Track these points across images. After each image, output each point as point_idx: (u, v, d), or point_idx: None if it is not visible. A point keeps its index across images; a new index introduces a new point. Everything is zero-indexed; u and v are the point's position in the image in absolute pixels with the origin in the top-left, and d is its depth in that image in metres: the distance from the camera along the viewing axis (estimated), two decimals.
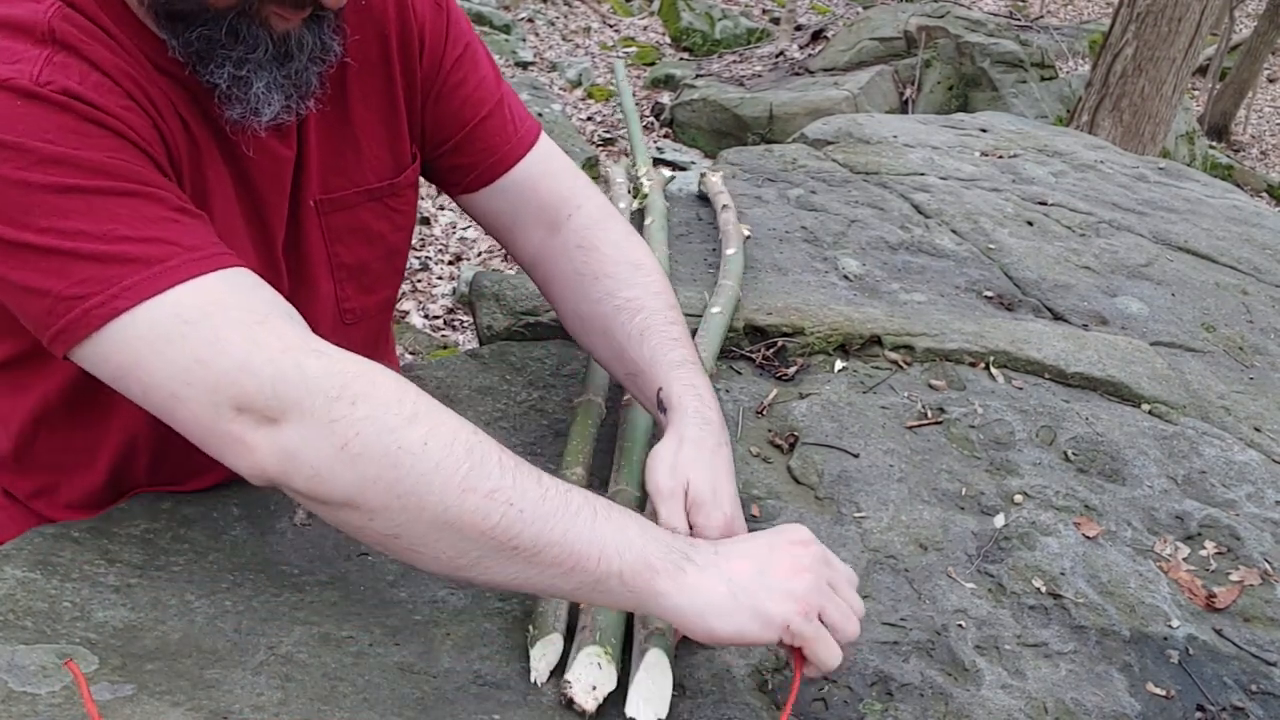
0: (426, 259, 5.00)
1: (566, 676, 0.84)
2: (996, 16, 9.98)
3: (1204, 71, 11.71)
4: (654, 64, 9.48)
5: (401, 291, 4.61)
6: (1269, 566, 1.16)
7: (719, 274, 1.57)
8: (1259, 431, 1.42)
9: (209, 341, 0.76)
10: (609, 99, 8.24)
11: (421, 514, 0.75)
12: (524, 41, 9.11)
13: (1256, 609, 1.11)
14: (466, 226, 5.38)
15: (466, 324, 4.46)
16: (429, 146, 1.09)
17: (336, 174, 1.01)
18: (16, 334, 0.87)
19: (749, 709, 0.88)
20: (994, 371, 1.44)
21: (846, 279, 1.71)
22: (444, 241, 5.24)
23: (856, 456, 1.24)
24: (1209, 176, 2.72)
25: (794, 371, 1.40)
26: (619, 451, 1.12)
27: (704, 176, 2.05)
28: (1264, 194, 9.16)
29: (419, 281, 4.80)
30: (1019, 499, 1.21)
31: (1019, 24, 9.88)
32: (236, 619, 0.87)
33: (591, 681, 0.83)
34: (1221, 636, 1.07)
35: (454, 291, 4.69)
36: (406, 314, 4.46)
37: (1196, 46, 5.05)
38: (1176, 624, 1.07)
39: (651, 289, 1.09)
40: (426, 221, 5.33)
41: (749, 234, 1.79)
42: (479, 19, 8.72)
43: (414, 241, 4.98)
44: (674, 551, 0.80)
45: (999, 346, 1.47)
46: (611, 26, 10.49)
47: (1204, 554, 1.17)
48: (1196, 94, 11.65)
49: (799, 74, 8.82)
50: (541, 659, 0.87)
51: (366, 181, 1.03)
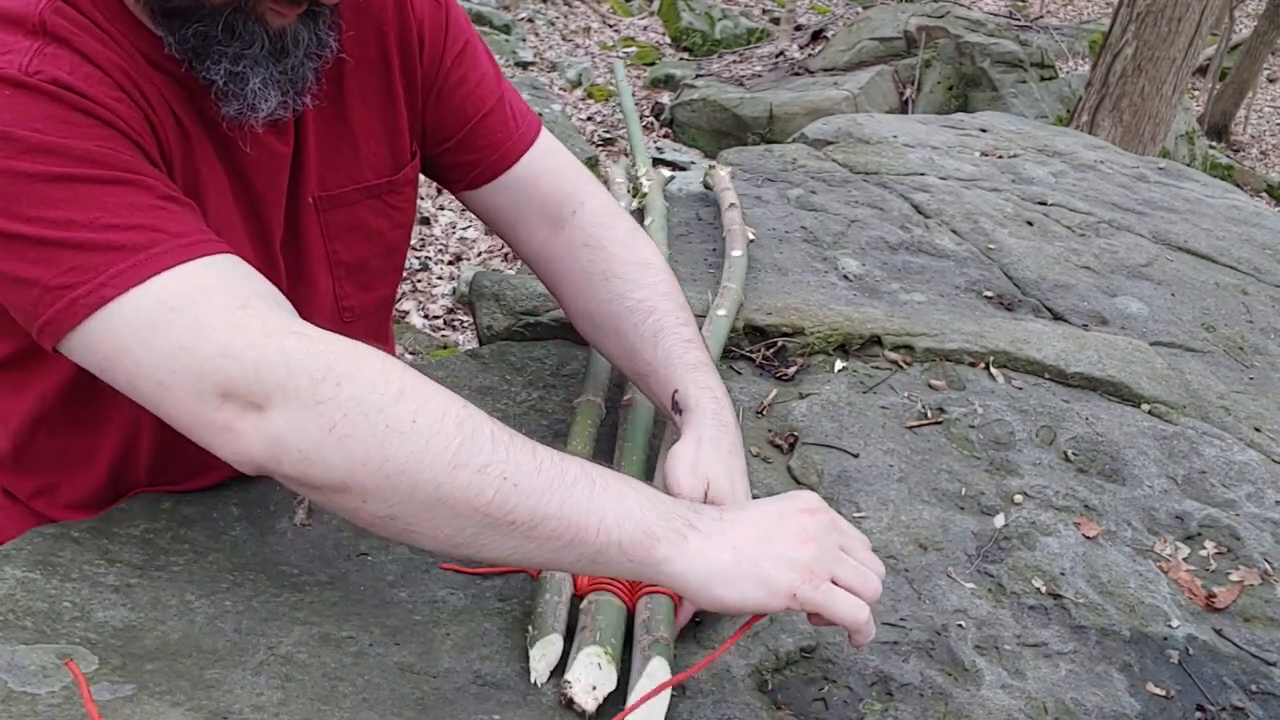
0: (426, 259, 5.00)
1: (566, 676, 0.84)
2: (996, 16, 9.98)
3: (1204, 71, 11.71)
4: (654, 64, 9.48)
5: (401, 291, 4.62)
6: (1269, 566, 1.16)
7: (723, 276, 1.56)
8: (1259, 431, 1.42)
9: (192, 328, 0.75)
10: (609, 99, 8.24)
11: (414, 493, 0.74)
12: (524, 41, 9.11)
13: (1256, 609, 1.11)
14: (466, 226, 5.38)
15: (466, 324, 4.46)
16: (431, 144, 1.09)
17: (334, 171, 1.00)
18: (14, 332, 0.87)
19: (749, 709, 0.88)
20: (994, 371, 1.44)
21: (846, 279, 1.71)
22: (444, 241, 5.24)
23: (856, 456, 1.24)
24: (1209, 176, 2.72)
25: (794, 371, 1.40)
26: (619, 451, 1.12)
27: (711, 170, 2.04)
28: (1264, 194, 9.16)
29: (419, 281, 4.80)
30: (1019, 499, 1.21)
31: (1019, 24, 9.88)
32: (236, 619, 0.87)
33: (591, 682, 0.83)
34: (1221, 636, 1.07)
35: (454, 291, 4.69)
36: (406, 314, 4.46)
37: (1196, 46, 5.05)
38: (1176, 624, 1.07)
39: (661, 289, 1.10)
40: (426, 221, 5.33)
41: (753, 237, 1.78)
42: (479, 19, 8.71)
43: (414, 241, 4.99)
44: (676, 518, 0.79)
45: (999, 346, 1.47)
46: (611, 26, 10.49)
47: (1204, 554, 1.17)
48: (1196, 94, 11.65)
49: (799, 74, 8.82)
50: (541, 659, 0.87)
51: (364, 179, 1.03)
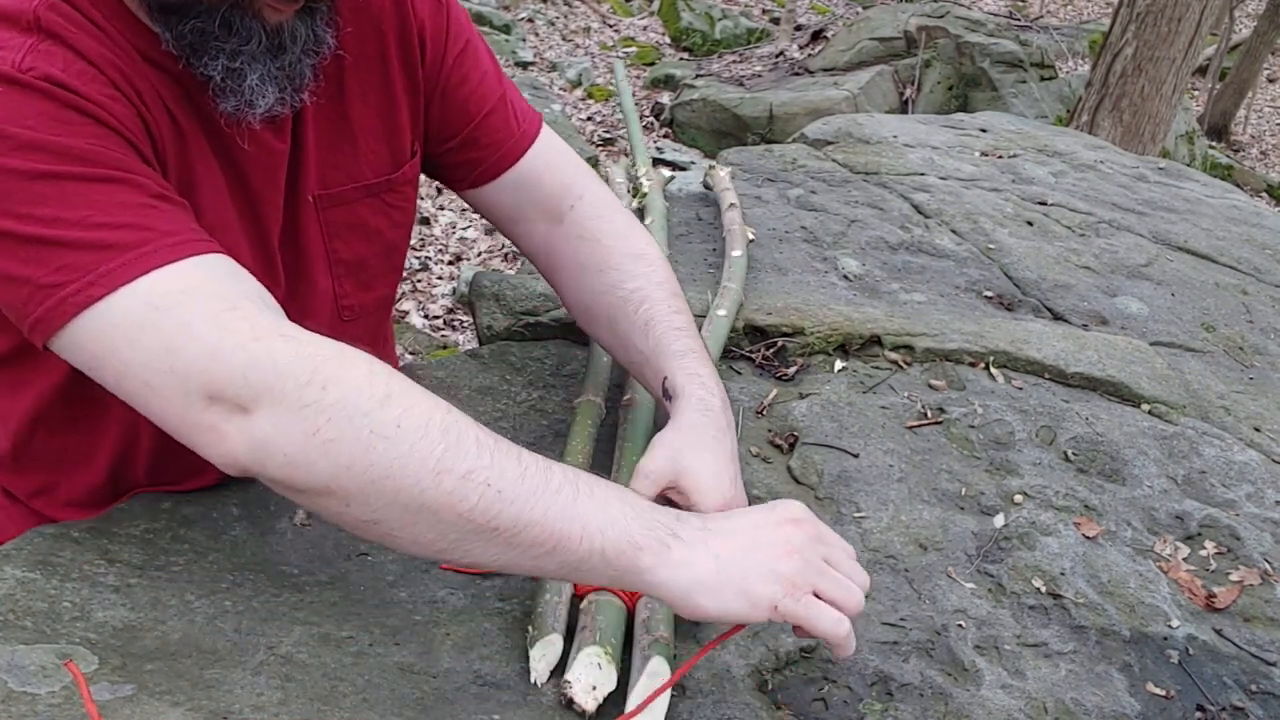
0: (426, 259, 5.00)
1: (566, 677, 0.84)
2: (996, 16, 9.98)
3: (1204, 71, 11.70)
4: (654, 64, 9.48)
5: (401, 291, 4.62)
6: (1269, 566, 1.16)
7: (723, 276, 1.56)
8: (1259, 431, 1.42)
9: (180, 330, 0.75)
10: (609, 99, 8.24)
11: (397, 498, 0.74)
12: (524, 41, 9.11)
13: (1256, 609, 1.11)
14: (466, 226, 5.38)
15: (466, 324, 4.46)
16: (434, 143, 1.10)
17: (334, 169, 1.00)
18: (11, 330, 0.87)
19: (749, 709, 0.88)
20: (994, 371, 1.44)
21: (846, 279, 1.71)
22: (444, 241, 5.23)
23: (856, 456, 1.24)
24: (1209, 176, 2.72)
25: (794, 371, 1.40)
26: (619, 451, 1.12)
27: (711, 170, 2.04)
28: (1264, 194, 9.16)
29: (419, 281, 4.79)
30: (1019, 499, 1.21)
31: (1019, 24, 9.88)
32: (236, 619, 0.87)
33: (591, 682, 0.83)
34: (1221, 636, 1.07)
35: (454, 291, 4.69)
36: (406, 314, 4.46)
37: (1196, 46, 5.05)
38: (1176, 624, 1.07)
39: (654, 279, 1.10)
40: (426, 221, 5.33)
41: (753, 237, 1.78)
42: (479, 19, 8.71)
43: (414, 241, 4.99)
44: (659, 526, 0.78)
45: (999, 346, 1.47)
46: (611, 26, 10.49)
47: (1204, 554, 1.17)
48: (1196, 94, 11.65)
49: (799, 74, 8.82)
50: (541, 659, 0.87)
51: (363, 177, 1.03)
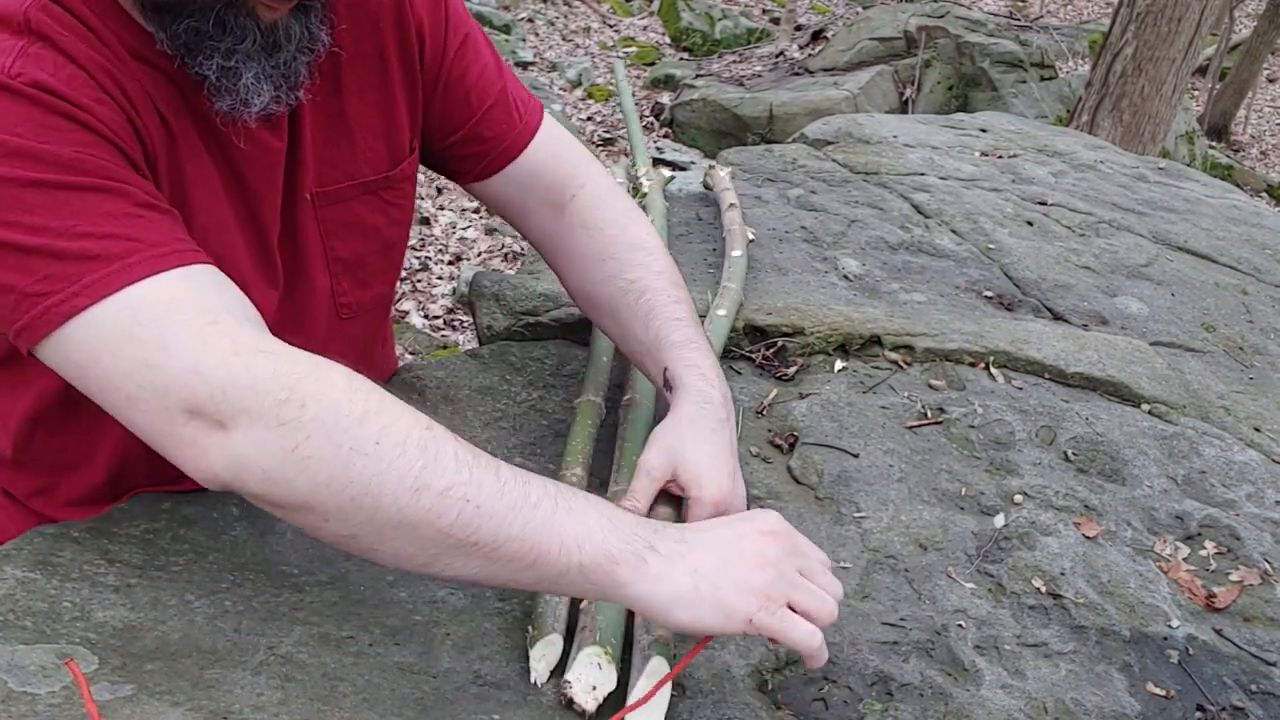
0: (426, 259, 5.00)
1: (566, 676, 0.84)
2: (996, 16, 9.98)
3: (1204, 71, 11.71)
4: (654, 64, 9.48)
5: (401, 291, 4.62)
6: (1269, 566, 1.16)
7: (723, 276, 1.56)
8: (1259, 431, 1.42)
9: (160, 344, 0.75)
10: (609, 99, 8.24)
11: (376, 514, 0.74)
12: (524, 41, 9.11)
13: (1256, 609, 1.11)
14: (466, 226, 5.38)
15: (466, 324, 4.46)
16: (436, 138, 1.09)
17: (331, 167, 1.00)
18: None
19: (749, 709, 0.88)
20: (994, 371, 1.44)
21: (846, 279, 1.71)
22: (444, 241, 5.24)
23: (856, 456, 1.24)
24: (1209, 176, 2.72)
25: (794, 371, 1.40)
26: (619, 451, 1.12)
27: (711, 170, 2.04)
28: (1264, 194, 9.16)
29: (419, 281, 4.80)
30: (1019, 499, 1.21)
31: (1019, 24, 9.88)
32: (236, 619, 0.87)
33: (591, 682, 0.83)
34: (1221, 636, 1.07)
35: (454, 291, 4.69)
36: (406, 314, 4.46)
37: (1196, 46, 5.05)
38: (1176, 624, 1.07)
39: (654, 269, 1.10)
40: (426, 221, 5.33)
41: (753, 237, 1.78)
42: (479, 19, 8.71)
43: (414, 241, 4.99)
44: (637, 540, 0.79)
45: (999, 346, 1.47)
46: (611, 26, 10.49)
47: (1204, 554, 1.17)
48: (1196, 94, 11.65)
49: (799, 74, 8.82)
50: (541, 659, 0.87)
51: (360, 174, 1.03)
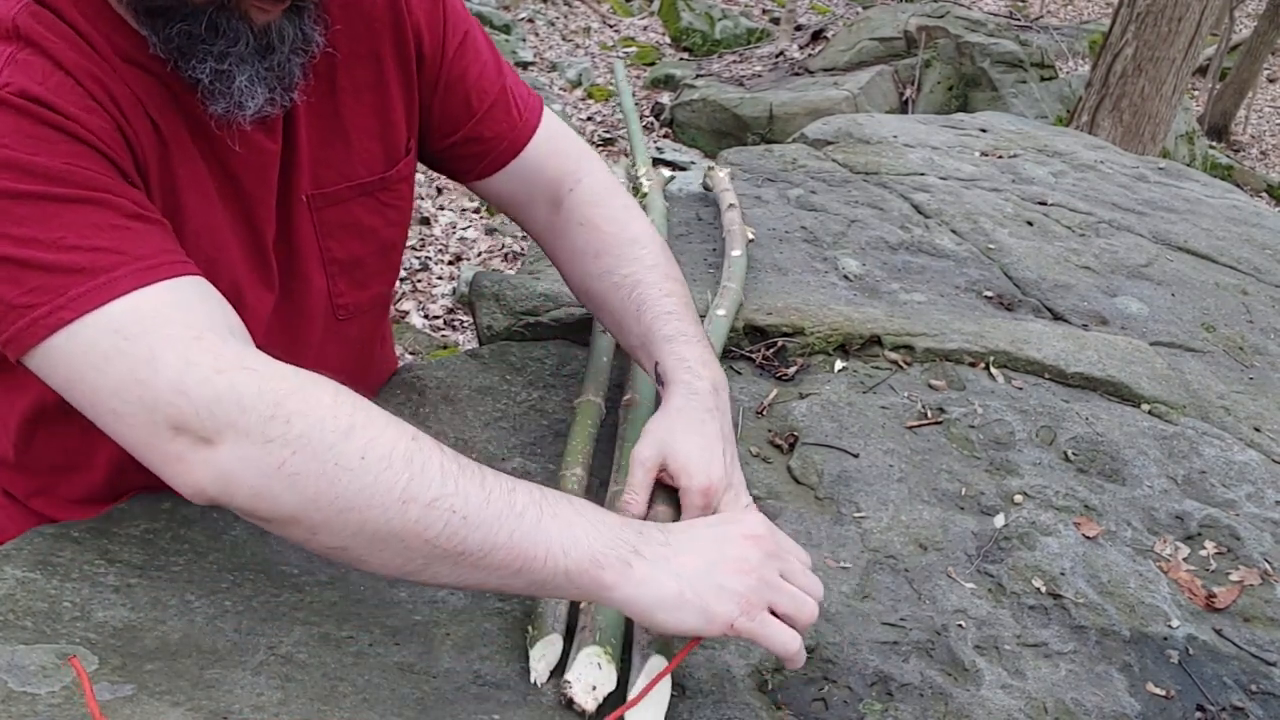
0: (426, 259, 5.00)
1: (566, 676, 0.84)
2: (996, 16, 9.98)
3: (1204, 71, 11.71)
4: (654, 64, 9.48)
5: (401, 291, 4.63)
6: (1269, 566, 1.16)
7: (723, 276, 1.56)
8: (1259, 431, 1.42)
9: (145, 360, 0.75)
10: (609, 99, 8.24)
11: (363, 528, 0.75)
12: (524, 41, 9.11)
13: (1256, 609, 1.11)
14: (466, 226, 5.38)
15: (466, 324, 4.46)
16: (437, 138, 1.09)
17: (327, 168, 1.00)
18: None
19: (749, 709, 0.88)
20: (994, 371, 1.44)
21: (846, 279, 1.71)
22: (444, 241, 5.24)
23: (856, 456, 1.24)
24: (1209, 176, 2.72)
25: (794, 371, 1.40)
26: (619, 451, 1.12)
27: (710, 171, 2.04)
28: (1264, 194, 9.16)
29: (419, 281, 4.80)
30: (1019, 499, 1.21)
31: (1019, 24, 9.88)
32: (236, 619, 0.87)
33: (591, 681, 0.83)
34: (1221, 636, 1.07)
35: (454, 291, 4.69)
36: (406, 314, 4.46)
37: (1196, 46, 5.05)
38: (1176, 624, 1.07)
39: (647, 263, 1.11)
40: (426, 221, 5.33)
41: (752, 237, 1.78)
42: (478, 19, 8.70)
43: (414, 241, 4.99)
44: (621, 545, 0.80)
45: (999, 346, 1.47)
46: (611, 26, 10.49)
47: (1204, 554, 1.17)
48: (1196, 94, 11.65)
49: (799, 74, 8.82)
50: (541, 659, 0.87)
51: (357, 175, 1.02)
